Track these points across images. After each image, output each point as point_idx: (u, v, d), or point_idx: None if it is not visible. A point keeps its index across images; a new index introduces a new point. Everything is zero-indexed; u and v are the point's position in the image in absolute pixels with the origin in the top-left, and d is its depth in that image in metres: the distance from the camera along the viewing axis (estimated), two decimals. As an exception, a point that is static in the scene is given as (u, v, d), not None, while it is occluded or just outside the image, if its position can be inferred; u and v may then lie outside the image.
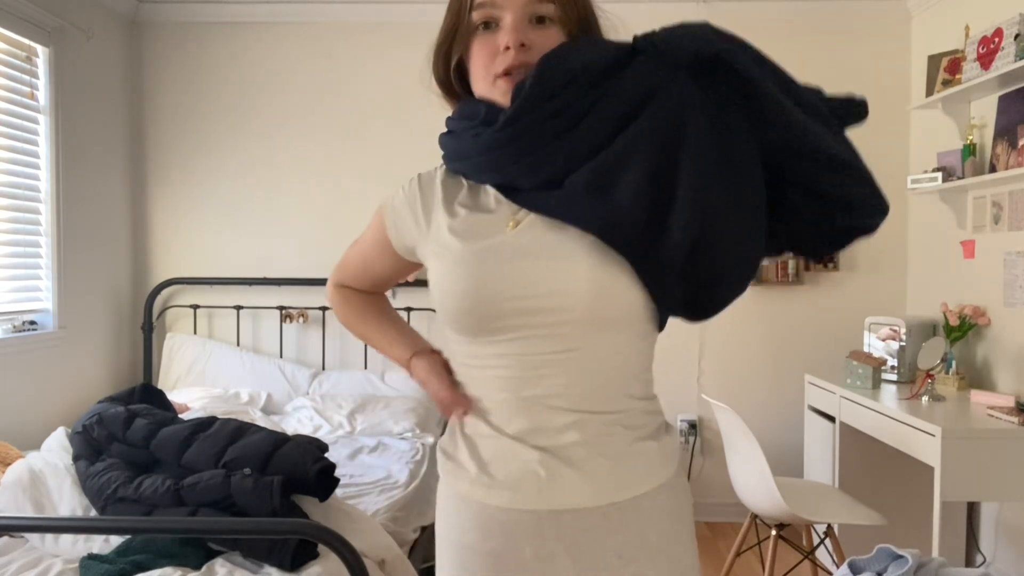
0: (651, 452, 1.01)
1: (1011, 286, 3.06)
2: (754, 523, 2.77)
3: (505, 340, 0.98)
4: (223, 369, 3.93)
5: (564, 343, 0.97)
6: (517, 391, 0.99)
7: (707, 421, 4.01)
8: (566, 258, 0.95)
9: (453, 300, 0.99)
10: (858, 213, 0.97)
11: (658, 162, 0.92)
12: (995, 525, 3.15)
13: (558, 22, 1.01)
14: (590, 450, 0.98)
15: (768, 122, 0.93)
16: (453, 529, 1.04)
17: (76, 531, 2.05)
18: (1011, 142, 2.99)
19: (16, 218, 3.24)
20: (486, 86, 1.02)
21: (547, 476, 0.97)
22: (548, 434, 0.98)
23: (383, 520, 2.48)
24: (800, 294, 3.99)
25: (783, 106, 0.93)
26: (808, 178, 0.95)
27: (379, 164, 4.04)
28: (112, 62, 3.88)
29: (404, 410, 3.59)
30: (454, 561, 1.04)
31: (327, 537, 1.59)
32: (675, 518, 1.02)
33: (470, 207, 1.05)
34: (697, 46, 0.94)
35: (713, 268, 0.95)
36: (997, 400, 2.82)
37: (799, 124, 0.93)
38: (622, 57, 0.97)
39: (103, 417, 2.37)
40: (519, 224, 0.99)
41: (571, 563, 0.97)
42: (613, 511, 0.98)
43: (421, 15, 3.99)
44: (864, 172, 0.96)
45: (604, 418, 0.99)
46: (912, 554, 1.76)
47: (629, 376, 1.03)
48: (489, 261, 0.98)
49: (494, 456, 1.00)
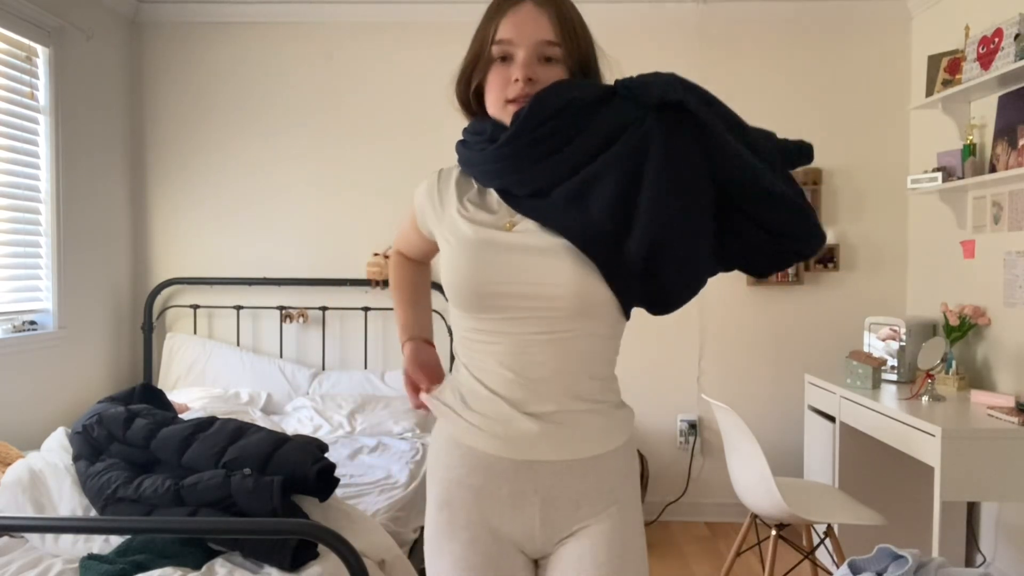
0: (609, 422, 1.26)
1: (1011, 286, 3.06)
2: (754, 523, 2.77)
3: (497, 319, 1.20)
4: (223, 369, 3.93)
5: (550, 326, 1.19)
6: (509, 365, 1.21)
7: (707, 421, 4.01)
8: (552, 256, 1.17)
9: (455, 279, 1.21)
10: (791, 240, 1.18)
11: (624, 184, 1.13)
12: (995, 525, 3.15)
13: (562, 62, 1.21)
14: (564, 417, 1.21)
15: (716, 156, 1.13)
16: (443, 466, 1.27)
17: (76, 531, 2.05)
18: (1011, 142, 2.99)
19: (16, 218, 3.24)
20: (498, 109, 1.23)
21: (528, 435, 1.20)
22: (532, 402, 1.20)
23: (383, 520, 2.48)
24: (800, 294, 3.99)
25: (728, 144, 1.13)
26: (749, 207, 1.16)
27: (379, 164, 4.04)
28: (112, 62, 3.88)
29: (404, 410, 3.59)
30: (441, 492, 1.26)
31: (327, 537, 1.59)
32: (624, 475, 1.27)
33: (477, 204, 1.27)
34: (663, 92, 1.14)
35: (665, 273, 1.16)
36: (997, 400, 2.82)
37: (741, 160, 1.13)
38: (604, 96, 1.18)
39: (103, 417, 2.37)
40: (514, 226, 1.21)
41: (538, 501, 1.22)
42: (576, 465, 1.22)
43: (422, 15, 3.99)
44: (798, 204, 1.16)
45: (576, 392, 1.22)
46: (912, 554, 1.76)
47: (599, 358, 1.25)
48: (488, 251, 1.19)
49: (486, 413, 1.22)
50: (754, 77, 3.95)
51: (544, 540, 1.24)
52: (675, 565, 3.45)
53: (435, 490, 1.27)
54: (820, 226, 1.19)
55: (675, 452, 4.04)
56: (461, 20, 3.97)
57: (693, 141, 1.13)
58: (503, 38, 1.20)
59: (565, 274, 1.16)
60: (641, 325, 4.19)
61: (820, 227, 1.19)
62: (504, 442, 1.21)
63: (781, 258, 1.21)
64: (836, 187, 3.96)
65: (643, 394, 4.01)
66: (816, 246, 1.20)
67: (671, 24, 3.94)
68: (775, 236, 1.18)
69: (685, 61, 3.91)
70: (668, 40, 3.94)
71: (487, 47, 1.22)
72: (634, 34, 3.92)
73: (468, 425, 1.23)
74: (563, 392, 1.21)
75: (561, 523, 1.23)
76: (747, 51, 3.96)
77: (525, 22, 1.20)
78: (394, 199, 4.04)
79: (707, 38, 3.94)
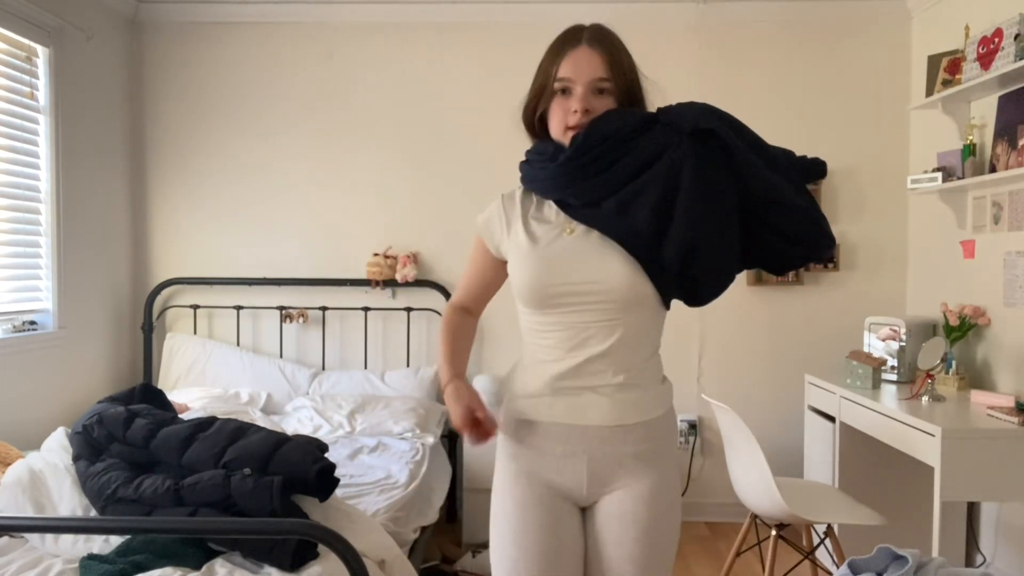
0: (652, 394, 1.51)
1: (1011, 286, 3.06)
2: (754, 523, 2.77)
3: (560, 312, 1.46)
4: (223, 369, 3.93)
5: (606, 315, 1.44)
6: (569, 348, 1.46)
7: (707, 421, 4.01)
8: (605, 257, 1.43)
9: (525, 279, 1.46)
10: (806, 245, 1.43)
11: (663, 197, 1.37)
12: (995, 525, 3.15)
13: (613, 93, 1.46)
14: (612, 390, 1.46)
15: (741, 174, 1.38)
16: (512, 434, 1.53)
17: (76, 531, 2.05)
18: (1011, 142, 2.99)
19: (16, 218, 3.24)
20: (559, 133, 1.48)
21: (582, 404, 1.46)
22: (586, 378, 1.46)
23: (383, 520, 2.48)
24: (800, 294, 3.99)
25: (752, 163, 1.38)
26: (769, 216, 1.40)
27: (379, 164, 4.04)
28: (112, 62, 3.88)
29: (404, 410, 3.59)
30: (509, 447, 1.54)
31: (327, 537, 1.59)
32: (664, 440, 1.52)
33: (538, 218, 1.53)
34: (696, 121, 1.39)
35: (698, 271, 1.41)
36: (997, 400, 2.82)
37: (763, 177, 1.38)
38: (647, 123, 1.42)
39: (103, 417, 2.37)
40: (574, 231, 1.47)
41: (586, 459, 1.47)
42: (620, 431, 1.47)
43: (422, 15, 3.99)
44: (811, 214, 1.41)
45: (626, 369, 1.46)
46: (912, 554, 1.76)
47: (644, 341, 1.49)
48: (552, 255, 1.46)
49: (547, 390, 1.48)
50: (754, 77, 3.95)
51: (590, 492, 1.49)
52: (675, 565, 3.44)
53: (504, 445, 1.56)
54: (831, 233, 1.43)
55: (675, 452, 4.04)
56: (461, 20, 4.00)
57: (721, 162, 1.37)
58: (564, 76, 1.46)
59: (616, 270, 1.41)
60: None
61: (831, 234, 1.43)
62: (562, 411, 1.47)
63: (795, 260, 1.47)
64: (836, 187, 3.96)
65: (643, 394, 4.01)
66: (827, 251, 1.45)
67: (671, 24, 3.93)
68: (792, 242, 1.42)
69: (685, 61, 3.92)
70: (668, 40, 3.94)
71: (551, 82, 1.47)
72: (634, 34, 3.88)
73: (529, 401, 1.50)
74: (613, 369, 1.45)
75: (605, 478, 1.48)
76: (747, 51, 3.96)
77: (581, 62, 1.45)
78: (394, 199, 4.04)
79: (707, 38, 3.94)
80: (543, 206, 1.53)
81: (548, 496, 1.49)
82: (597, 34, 1.50)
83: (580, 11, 4.07)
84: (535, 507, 1.48)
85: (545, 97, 1.49)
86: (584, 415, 1.46)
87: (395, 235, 4.02)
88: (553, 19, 4.12)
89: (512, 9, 3.92)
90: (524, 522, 1.47)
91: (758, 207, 1.39)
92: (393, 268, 3.94)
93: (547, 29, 1.70)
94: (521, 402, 1.52)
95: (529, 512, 1.47)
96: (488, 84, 3.98)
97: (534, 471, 1.50)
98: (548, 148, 1.49)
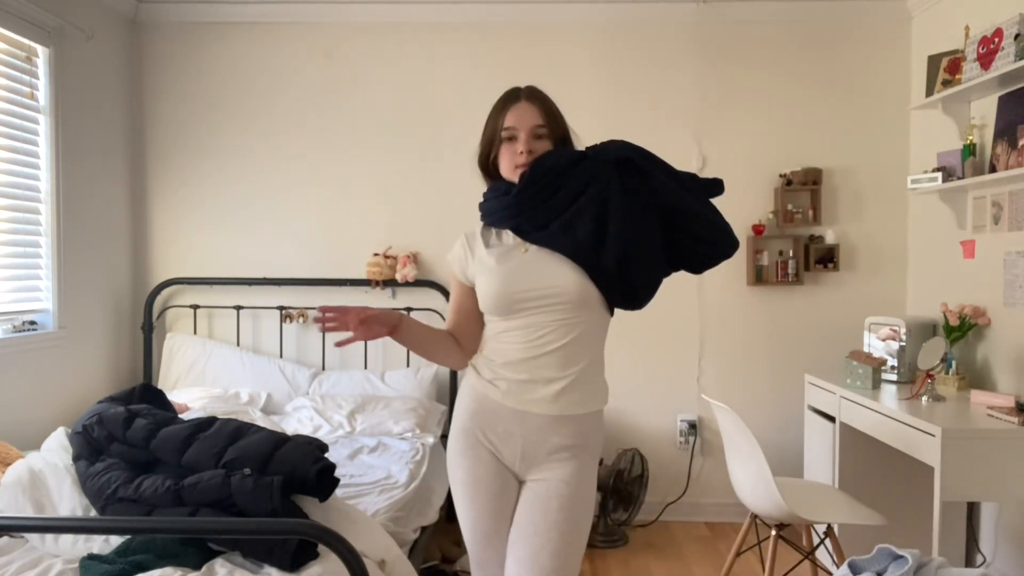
0: (592, 392, 1.79)
1: (1011, 286, 3.06)
2: (754, 523, 2.77)
3: (523, 316, 1.74)
4: (223, 369, 3.93)
5: (561, 315, 1.73)
6: (527, 345, 1.74)
7: (707, 421, 4.01)
8: (558, 267, 1.73)
9: (491, 291, 1.75)
10: (716, 248, 1.77)
11: (597, 216, 1.69)
12: (995, 525, 3.15)
13: (550, 137, 1.80)
14: (561, 384, 1.73)
15: (658, 192, 1.71)
16: (465, 408, 1.82)
17: (76, 531, 2.05)
18: (1011, 142, 2.99)
19: (16, 218, 3.24)
20: (508, 172, 1.80)
21: (529, 393, 1.74)
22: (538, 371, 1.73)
23: (383, 520, 2.48)
24: (800, 294, 3.99)
25: (665, 183, 1.72)
26: (688, 226, 1.74)
27: (379, 163, 4.05)
28: (112, 62, 3.88)
29: (404, 410, 3.59)
30: (461, 422, 1.81)
31: (327, 537, 1.58)
32: (592, 434, 1.80)
33: (497, 244, 1.84)
34: (617, 153, 1.73)
35: (633, 274, 1.72)
36: (997, 400, 2.82)
37: (675, 192, 1.72)
38: (577, 159, 1.74)
39: (103, 417, 2.37)
40: (528, 250, 1.78)
41: (521, 442, 1.75)
42: (556, 420, 1.74)
43: (422, 15, 3.99)
44: (719, 222, 1.75)
45: (574, 364, 1.74)
46: (912, 554, 1.76)
47: (592, 341, 1.78)
48: (512, 269, 1.76)
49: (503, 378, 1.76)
50: (754, 77, 3.95)
51: (522, 469, 1.77)
52: (675, 565, 3.45)
53: (457, 422, 1.82)
54: (734, 235, 1.77)
55: (675, 452, 4.04)
56: (461, 20, 4.00)
57: (640, 184, 1.71)
58: (509, 125, 1.78)
59: (567, 277, 1.71)
60: (641, 326, 4.19)
61: (735, 236, 1.77)
62: (511, 395, 1.74)
63: (710, 260, 1.79)
64: (836, 187, 3.96)
65: (643, 394, 4.01)
66: (732, 250, 1.78)
67: (671, 24, 3.93)
68: (706, 244, 1.75)
69: (685, 61, 3.91)
70: (668, 40, 3.93)
71: (498, 132, 1.80)
72: (634, 34, 3.91)
73: (486, 383, 1.78)
74: (562, 364, 1.72)
75: (536, 460, 1.76)
76: (747, 51, 3.96)
77: (523, 114, 1.78)
78: (394, 199, 4.04)
79: (707, 38, 3.94)
80: (501, 235, 1.84)
81: (493, 464, 1.78)
82: (533, 92, 1.82)
83: (580, 11, 4.08)
84: (484, 475, 1.77)
85: (495, 144, 1.81)
86: (529, 403, 1.73)
87: (395, 235, 4.02)
88: (553, 19, 4.14)
89: (512, 9, 3.92)
90: (475, 487, 1.77)
91: (676, 218, 1.72)
92: (393, 268, 3.94)
93: (547, 29, 1.72)
94: (477, 382, 1.80)
95: (480, 480, 1.77)
96: (488, 84, 3.94)
97: (480, 442, 1.78)
98: (501, 186, 1.81)
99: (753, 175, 3.96)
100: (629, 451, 3.82)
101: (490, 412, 1.76)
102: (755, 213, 3.96)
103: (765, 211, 3.96)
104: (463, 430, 1.80)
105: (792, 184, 3.89)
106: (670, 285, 2.02)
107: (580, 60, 3.92)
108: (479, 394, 1.79)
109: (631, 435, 4.01)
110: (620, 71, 3.94)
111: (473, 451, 1.78)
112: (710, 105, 3.95)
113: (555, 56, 3.92)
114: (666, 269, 1.78)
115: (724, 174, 1.95)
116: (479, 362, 1.83)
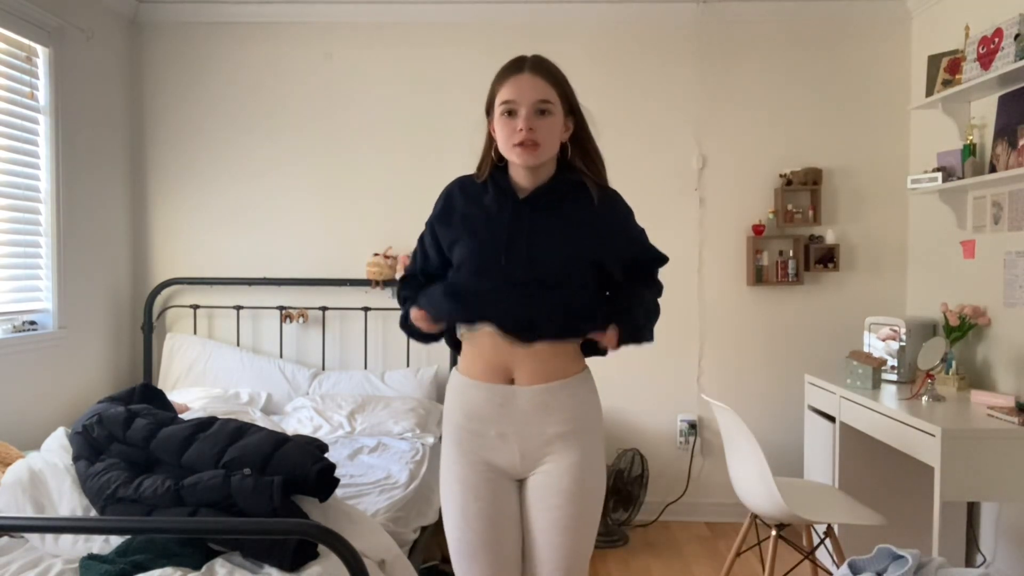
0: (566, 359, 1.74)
1: (1011, 286, 3.06)
2: (754, 523, 2.77)
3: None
4: (223, 369, 3.93)
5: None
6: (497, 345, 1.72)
7: (707, 421, 4.01)
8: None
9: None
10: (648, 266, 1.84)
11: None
12: (995, 525, 3.15)
13: (555, 113, 1.67)
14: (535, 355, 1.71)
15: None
16: (457, 392, 1.78)
17: (76, 531, 2.05)
18: (1011, 142, 2.99)
19: (16, 218, 3.24)
20: (506, 149, 1.69)
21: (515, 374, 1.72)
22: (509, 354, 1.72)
23: (383, 520, 2.48)
24: (800, 294, 3.99)
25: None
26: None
27: (379, 164, 4.04)
28: (112, 62, 3.88)
29: (404, 410, 3.59)
30: (452, 432, 1.77)
31: (327, 537, 1.58)
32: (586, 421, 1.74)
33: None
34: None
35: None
36: (997, 400, 2.82)
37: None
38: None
39: (103, 417, 2.36)
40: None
41: (517, 440, 1.71)
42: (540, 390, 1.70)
43: (422, 15, 3.99)
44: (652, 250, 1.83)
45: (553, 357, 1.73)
46: (912, 554, 1.76)
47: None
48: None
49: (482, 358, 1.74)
50: (754, 77, 3.95)
51: (524, 467, 1.73)
52: (675, 565, 3.45)
53: (448, 432, 1.78)
54: (663, 255, 1.84)
55: (675, 452, 4.04)
56: (461, 20, 4.00)
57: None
58: (508, 99, 1.66)
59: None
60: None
61: (663, 255, 1.84)
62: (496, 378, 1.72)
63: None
64: (836, 187, 3.96)
65: (643, 394, 4.01)
66: (660, 265, 1.85)
67: (671, 24, 3.93)
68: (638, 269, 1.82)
69: (685, 61, 3.91)
70: (668, 40, 3.93)
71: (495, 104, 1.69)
72: (634, 34, 3.91)
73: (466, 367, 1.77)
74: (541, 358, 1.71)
75: (536, 456, 1.72)
76: (747, 51, 3.96)
77: (525, 86, 1.67)
78: (394, 199, 4.04)
79: (707, 38, 3.94)
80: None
81: (487, 472, 1.73)
82: (538, 62, 1.71)
83: (580, 11, 4.08)
84: (476, 483, 1.72)
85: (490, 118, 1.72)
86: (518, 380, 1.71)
87: (395, 235, 4.02)
88: (553, 19, 4.14)
89: (512, 9, 3.92)
90: (466, 496, 1.72)
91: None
92: (393, 268, 3.94)
93: (547, 29, 1.71)
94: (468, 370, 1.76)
95: (470, 488, 1.71)
96: (488, 84, 3.96)
97: (474, 451, 1.73)
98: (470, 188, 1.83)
99: (753, 175, 3.96)
100: (629, 451, 3.82)
101: (485, 393, 1.72)
102: (755, 213, 3.96)
103: (765, 211, 3.96)
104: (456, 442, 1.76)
105: (792, 184, 3.89)
106: (670, 285, 2.03)
107: (580, 60, 3.91)
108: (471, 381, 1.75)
109: (631, 435, 4.01)
110: (620, 71, 3.94)
111: (467, 458, 1.74)
112: (710, 105, 3.95)
113: (555, 56, 3.88)
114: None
115: (724, 174, 1.95)
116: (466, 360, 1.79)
